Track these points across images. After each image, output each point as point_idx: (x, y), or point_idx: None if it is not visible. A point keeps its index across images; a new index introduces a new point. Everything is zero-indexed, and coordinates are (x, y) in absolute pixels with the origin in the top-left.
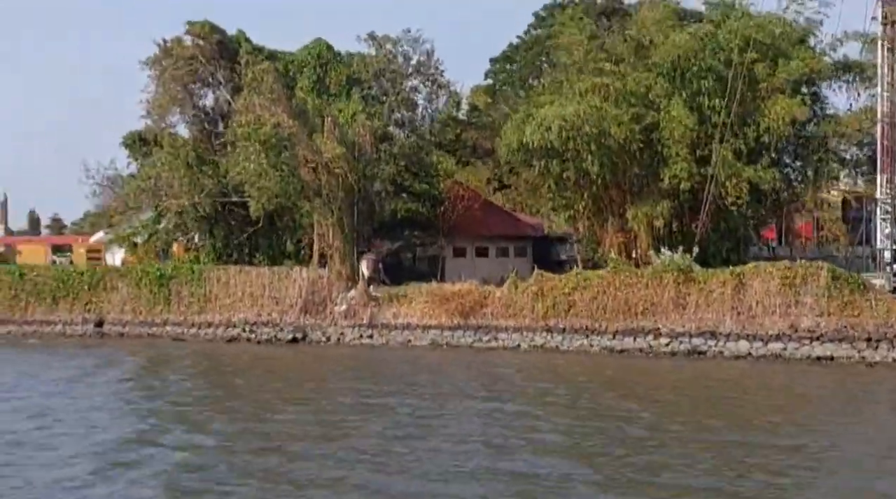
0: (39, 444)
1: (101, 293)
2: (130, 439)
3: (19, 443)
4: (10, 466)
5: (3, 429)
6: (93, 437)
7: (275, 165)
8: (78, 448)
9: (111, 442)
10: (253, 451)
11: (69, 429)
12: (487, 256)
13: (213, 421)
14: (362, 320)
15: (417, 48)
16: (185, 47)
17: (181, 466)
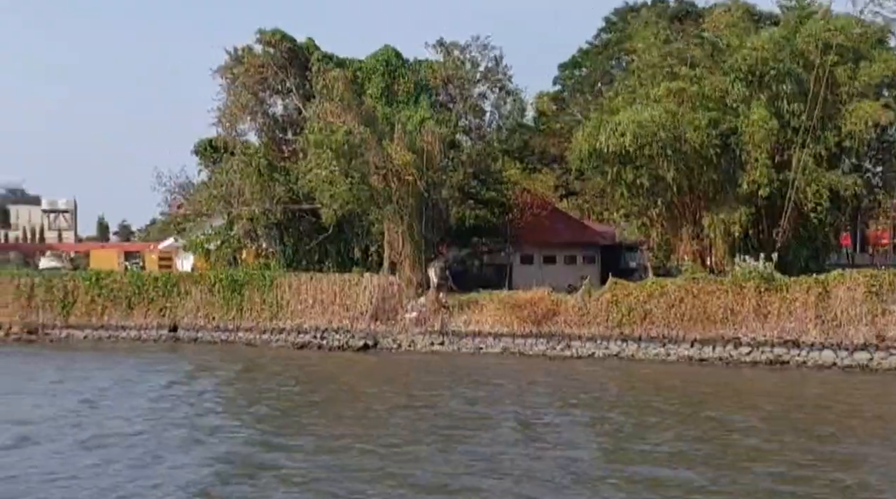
0: (164, 448)
1: (174, 299)
2: (255, 441)
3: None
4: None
5: (122, 433)
6: (213, 445)
7: (346, 172)
8: (202, 455)
9: (230, 450)
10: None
11: (187, 434)
12: (555, 264)
13: (330, 426)
14: (433, 327)
15: (486, 54)
16: (256, 55)
17: (312, 469)
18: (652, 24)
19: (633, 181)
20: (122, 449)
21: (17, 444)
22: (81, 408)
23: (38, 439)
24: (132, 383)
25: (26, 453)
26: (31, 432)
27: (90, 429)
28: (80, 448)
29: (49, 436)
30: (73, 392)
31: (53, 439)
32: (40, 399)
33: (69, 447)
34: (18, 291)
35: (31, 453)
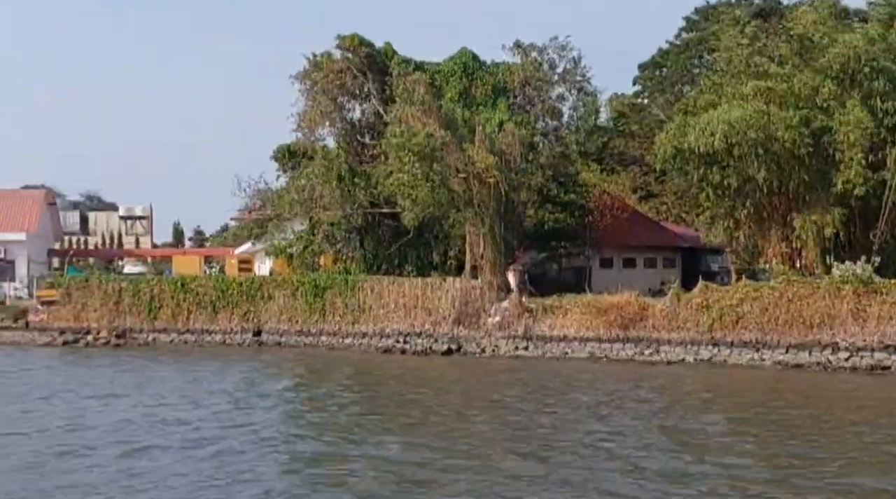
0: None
1: (258, 303)
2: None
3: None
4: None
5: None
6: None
7: (427, 176)
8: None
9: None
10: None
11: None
12: (635, 267)
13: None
14: (517, 332)
15: (564, 56)
16: (335, 61)
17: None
18: (737, 22)
19: (721, 182)
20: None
21: (212, 452)
22: (228, 408)
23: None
24: (257, 385)
25: (223, 459)
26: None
27: (266, 432)
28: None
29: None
30: (213, 394)
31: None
32: (187, 401)
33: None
34: (106, 296)
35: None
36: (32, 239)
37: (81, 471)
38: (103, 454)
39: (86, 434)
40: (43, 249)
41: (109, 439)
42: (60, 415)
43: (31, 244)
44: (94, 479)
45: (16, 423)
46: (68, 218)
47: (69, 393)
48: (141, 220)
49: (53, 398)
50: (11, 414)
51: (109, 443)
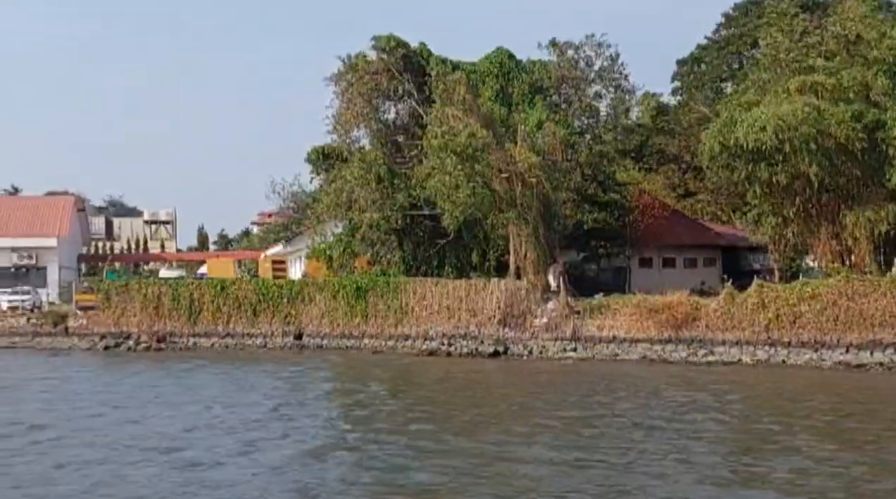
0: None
1: (298, 306)
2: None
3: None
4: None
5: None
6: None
7: (469, 176)
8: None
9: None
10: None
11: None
12: (674, 267)
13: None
14: (564, 333)
15: (601, 53)
16: (370, 62)
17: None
18: (784, 16)
19: (769, 179)
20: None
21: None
22: (295, 414)
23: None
24: (316, 391)
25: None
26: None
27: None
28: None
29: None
30: (268, 398)
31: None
32: (251, 407)
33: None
34: (146, 301)
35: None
36: (63, 245)
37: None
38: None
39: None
40: (73, 255)
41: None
42: (156, 426)
43: (62, 250)
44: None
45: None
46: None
47: (140, 401)
48: (165, 224)
49: (130, 408)
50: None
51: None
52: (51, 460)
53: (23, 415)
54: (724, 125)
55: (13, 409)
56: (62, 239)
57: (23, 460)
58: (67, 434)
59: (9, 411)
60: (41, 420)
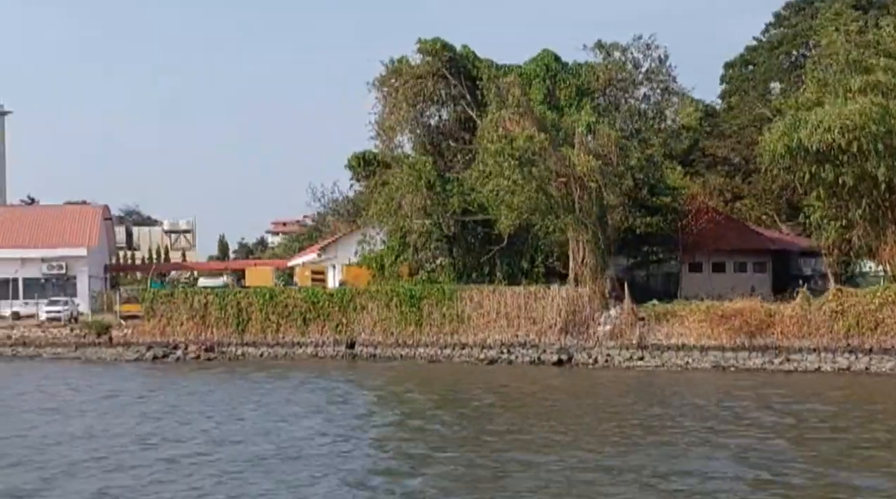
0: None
1: (350, 314)
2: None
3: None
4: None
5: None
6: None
7: (527, 180)
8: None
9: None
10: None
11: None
12: (724, 272)
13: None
14: (630, 341)
15: (648, 55)
16: (415, 66)
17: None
18: (839, 15)
19: (834, 180)
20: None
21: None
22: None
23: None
24: (384, 401)
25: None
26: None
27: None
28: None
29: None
30: (340, 411)
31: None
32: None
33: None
34: (192, 310)
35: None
36: (92, 254)
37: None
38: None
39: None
40: (100, 265)
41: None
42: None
43: (91, 260)
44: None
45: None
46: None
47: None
48: (185, 233)
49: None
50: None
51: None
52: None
53: (146, 429)
54: (788, 126)
55: (131, 422)
56: (92, 249)
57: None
58: (217, 448)
59: (131, 424)
60: (175, 434)
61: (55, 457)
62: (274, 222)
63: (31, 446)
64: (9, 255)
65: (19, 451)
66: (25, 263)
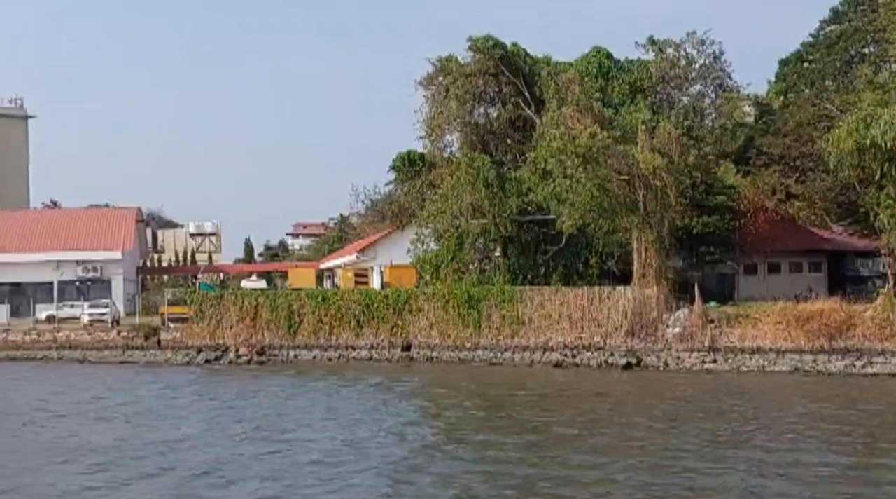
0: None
1: (405, 316)
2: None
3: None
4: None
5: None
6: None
7: (591, 179)
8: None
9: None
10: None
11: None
12: (779, 273)
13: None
14: (702, 344)
15: (703, 51)
16: (465, 64)
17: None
18: None
19: None
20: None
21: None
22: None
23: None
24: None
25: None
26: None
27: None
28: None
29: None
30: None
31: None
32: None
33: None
34: (242, 313)
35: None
36: (126, 257)
37: None
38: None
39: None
40: (133, 268)
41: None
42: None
43: (125, 263)
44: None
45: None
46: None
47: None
48: (211, 236)
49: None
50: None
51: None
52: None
53: (274, 432)
54: (858, 123)
55: (246, 427)
56: (127, 252)
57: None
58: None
59: (246, 428)
60: (311, 437)
61: (254, 463)
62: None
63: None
64: (44, 258)
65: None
66: (60, 266)
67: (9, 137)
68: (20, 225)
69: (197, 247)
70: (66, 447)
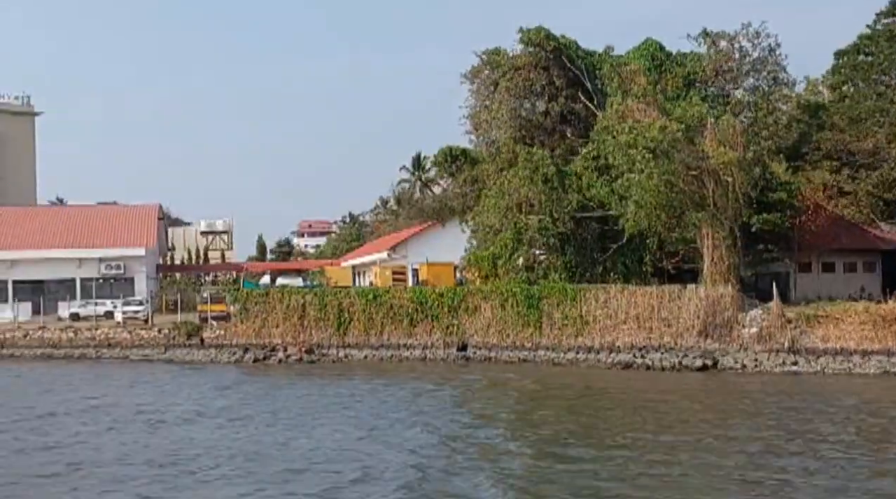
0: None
1: (461, 315)
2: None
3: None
4: None
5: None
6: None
7: (661, 174)
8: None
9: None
10: None
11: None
12: (833, 272)
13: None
14: (781, 345)
15: (757, 44)
16: (514, 56)
17: None
18: None
19: None
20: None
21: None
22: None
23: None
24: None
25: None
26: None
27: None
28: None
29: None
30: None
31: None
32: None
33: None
34: (289, 311)
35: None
36: (150, 255)
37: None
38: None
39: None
40: (153, 265)
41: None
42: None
43: (147, 260)
44: None
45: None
46: None
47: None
48: (222, 234)
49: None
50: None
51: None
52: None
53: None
54: None
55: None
56: (150, 249)
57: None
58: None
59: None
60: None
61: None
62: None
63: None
64: (66, 255)
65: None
66: (83, 264)
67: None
68: (40, 222)
69: (208, 244)
70: (268, 454)
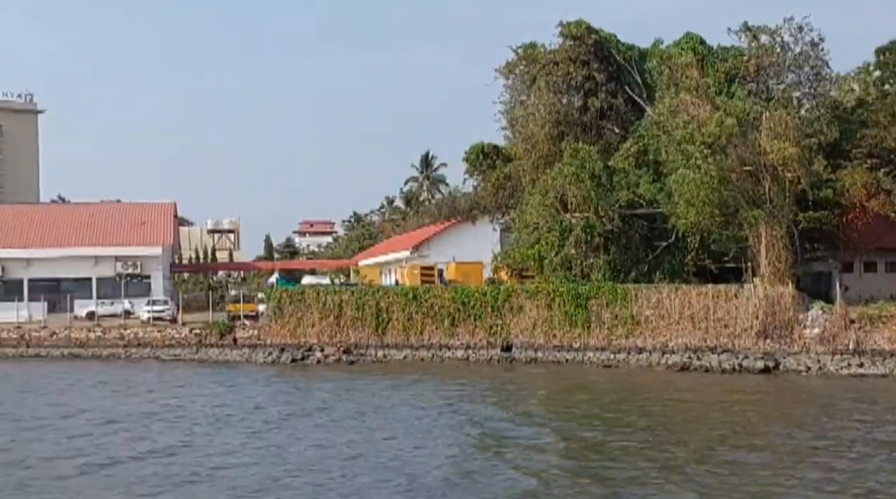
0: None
1: (505, 315)
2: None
3: None
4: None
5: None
6: None
7: (718, 171)
8: None
9: None
10: None
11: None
12: (875, 272)
13: None
14: (845, 346)
15: (800, 38)
16: (552, 51)
17: None
18: None
19: None
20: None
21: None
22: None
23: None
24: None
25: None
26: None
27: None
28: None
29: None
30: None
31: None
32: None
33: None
34: (325, 310)
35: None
36: (166, 253)
37: None
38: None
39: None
40: (167, 264)
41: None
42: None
43: (164, 259)
44: None
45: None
46: None
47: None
48: (228, 233)
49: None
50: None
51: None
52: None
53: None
54: None
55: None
56: (166, 248)
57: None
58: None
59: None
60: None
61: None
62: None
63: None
64: (81, 253)
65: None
66: (99, 262)
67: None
68: (55, 220)
69: (215, 244)
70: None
